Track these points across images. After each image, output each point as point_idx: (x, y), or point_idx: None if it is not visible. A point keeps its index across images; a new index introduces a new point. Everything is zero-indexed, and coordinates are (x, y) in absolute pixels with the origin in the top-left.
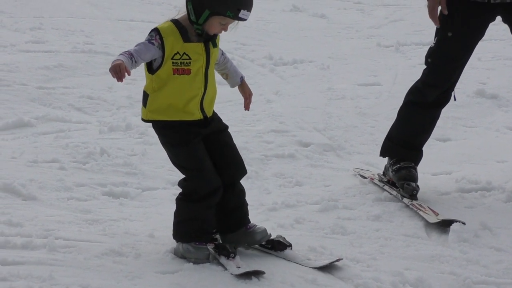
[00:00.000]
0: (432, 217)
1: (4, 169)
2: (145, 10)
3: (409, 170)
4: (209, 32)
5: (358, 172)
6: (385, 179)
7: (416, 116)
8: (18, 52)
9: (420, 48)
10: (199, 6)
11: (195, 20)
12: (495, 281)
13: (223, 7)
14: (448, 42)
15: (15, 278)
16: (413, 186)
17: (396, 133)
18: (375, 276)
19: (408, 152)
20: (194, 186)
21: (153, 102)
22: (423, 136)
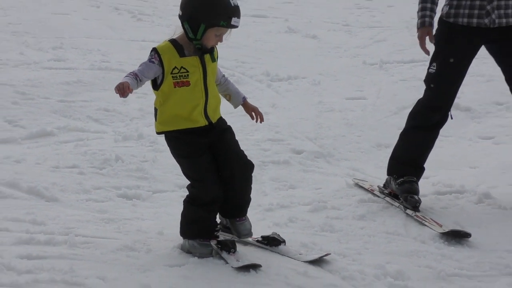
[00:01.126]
0: (437, 227)
1: (29, 174)
2: (155, 31)
3: (411, 184)
4: (207, 45)
5: (357, 183)
6: (386, 191)
7: (419, 139)
8: (41, 69)
9: (401, 66)
10: (194, 23)
11: (193, 36)
12: (467, 273)
13: (216, 18)
14: (450, 67)
15: (39, 271)
16: (416, 199)
17: (401, 154)
18: (360, 269)
19: (411, 169)
20: (197, 193)
21: (161, 115)
22: (424, 155)
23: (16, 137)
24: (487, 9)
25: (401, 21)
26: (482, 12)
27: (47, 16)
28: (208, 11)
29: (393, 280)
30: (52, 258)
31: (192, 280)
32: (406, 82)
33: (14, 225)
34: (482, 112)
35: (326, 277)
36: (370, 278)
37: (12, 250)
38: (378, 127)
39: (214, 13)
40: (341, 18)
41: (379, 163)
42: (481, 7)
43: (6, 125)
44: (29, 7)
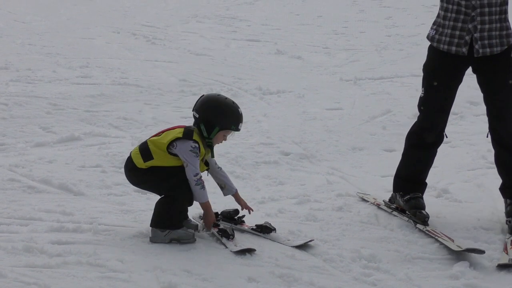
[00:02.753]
0: (451, 244)
1: (60, 172)
2: (166, 53)
3: (417, 200)
4: (214, 143)
5: (361, 197)
6: (393, 206)
7: (417, 157)
8: (70, 84)
9: (372, 82)
10: (210, 126)
11: (207, 136)
12: (429, 257)
13: (229, 124)
14: (434, 89)
15: (68, 254)
16: (424, 214)
17: (403, 172)
18: (338, 252)
19: (415, 186)
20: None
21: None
22: (425, 172)
23: (49, 141)
24: (465, 39)
25: (372, 45)
26: (461, 41)
27: (76, 40)
28: (223, 118)
29: (367, 262)
30: (79, 243)
31: (196, 261)
32: (376, 95)
33: (47, 215)
34: None
35: (310, 259)
36: (347, 260)
37: (44, 236)
38: (353, 133)
39: (228, 120)
40: (322, 42)
41: (354, 163)
42: (460, 37)
43: (40, 131)
44: (60, 32)
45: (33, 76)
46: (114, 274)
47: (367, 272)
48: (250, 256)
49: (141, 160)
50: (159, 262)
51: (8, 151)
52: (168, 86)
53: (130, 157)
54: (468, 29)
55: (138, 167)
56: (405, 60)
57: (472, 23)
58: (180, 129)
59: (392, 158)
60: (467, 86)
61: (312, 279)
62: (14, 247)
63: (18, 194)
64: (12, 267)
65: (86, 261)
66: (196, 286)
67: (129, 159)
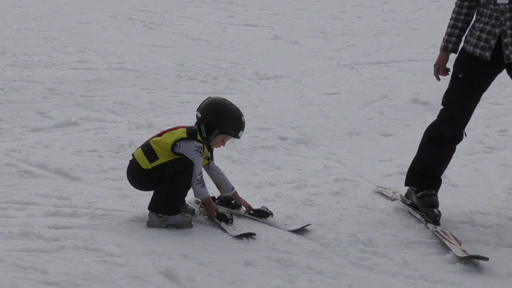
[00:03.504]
0: (457, 248)
1: (56, 157)
2: (163, 37)
3: (431, 197)
4: (212, 146)
5: (380, 191)
6: (408, 202)
7: (434, 152)
8: (67, 69)
9: (369, 67)
10: (210, 127)
11: (206, 137)
12: (426, 241)
13: (229, 129)
14: (459, 82)
15: (65, 239)
16: (436, 213)
17: (418, 166)
18: (335, 237)
19: (429, 181)
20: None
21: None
22: (441, 168)
23: (45, 126)
24: (491, 44)
25: (369, 29)
26: (486, 45)
27: (73, 25)
28: (224, 121)
29: (364, 247)
30: (76, 228)
31: (193, 246)
32: (373, 80)
33: (44, 200)
34: (437, 105)
35: (307, 244)
36: (345, 244)
37: (41, 221)
38: (350, 118)
39: (229, 125)
40: (319, 27)
41: (351, 148)
42: (486, 40)
43: (37, 116)
44: (57, 17)
45: (30, 61)
46: (111, 259)
47: (364, 256)
48: (247, 240)
49: (146, 161)
50: (156, 247)
51: (4, 136)
52: (165, 71)
53: (134, 160)
54: (495, 33)
55: (143, 169)
56: (402, 45)
57: (500, 28)
58: (183, 129)
59: (389, 142)
60: None
61: (309, 263)
62: (11, 231)
63: (14, 179)
64: (9, 251)
65: (83, 246)
66: (193, 270)
67: (133, 162)
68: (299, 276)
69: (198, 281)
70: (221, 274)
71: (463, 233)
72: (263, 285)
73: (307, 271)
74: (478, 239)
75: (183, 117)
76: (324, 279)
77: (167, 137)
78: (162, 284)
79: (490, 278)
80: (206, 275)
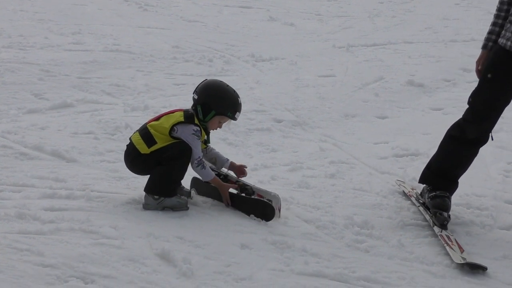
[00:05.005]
0: (457, 254)
1: (52, 139)
2: (158, 19)
3: (443, 200)
4: (209, 128)
5: (399, 185)
6: (421, 201)
7: (455, 151)
8: (62, 51)
9: (365, 49)
10: (207, 108)
11: (202, 118)
12: (421, 223)
13: (225, 109)
14: (487, 83)
15: (61, 221)
16: (445, 217)
17: (435, 164)
18: (331, 219)
19: (444, 182)
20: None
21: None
22: (459, 170)
23: (41, 108)
24: None
25: (365, 11)
26: None
27: (68, 7)
28: (221, 102)
29: (360, 229)
30: (72, 210)
31: (189, 228)
32: (369, 62)
33: (40, 182)
34: (433, 88)
35: (303, 226)
36: (340, 227)
37: (37, 203)
38: (346, 100)
39: (225, 105)
40: (314, 9)
41: (347, 130)
42: None
43: (33, 97)
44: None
45: (25, 42)
46: (107, 241)
47: (359, 238)
48: (242, 222)
49: (144, 145)
50: (152, 229)
51: (0, 117)
52: (161, 53)
53: (131, 144)
54: None
55: (141, 153)
56: (398, 27)
57: None
58: (180, 113)
59: (385, 125)
60: (460, 53)
61: (304, 246)
62: (7, 213)
63: (10, 161)
64: (5, 233)
65: (79, 228)
66: (189, 252)
67: (131, 146)
68: (294, 259)
69: (194, 263)
70: (217, 256)
71: (458, 215)
72: (259, 268)
73: (302, 253)
74: (474, 221)
75: (178, 99)
76: (320, 262)
77: (165, 121)
78: (158, 266)
79: (485, 260)
80: (202, 257)
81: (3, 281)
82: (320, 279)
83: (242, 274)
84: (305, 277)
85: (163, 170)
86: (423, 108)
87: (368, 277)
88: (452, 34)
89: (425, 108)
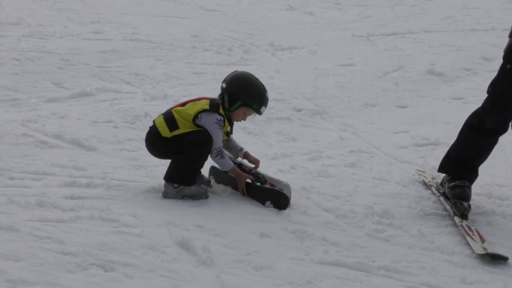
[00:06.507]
0: (477, 245)
1: (72, 127)
2: (177, 8)
3: (463, 189)
4: (233, 119)
5: (420, 174)
6: (442, 190)
7: (474, 140)
8: (82, 40)
9: (385, 38)
10: (234, 98)
11: (228, 107)
12: (442, 213)
13: (251, 101)
14: (507, 73)
15: (81, 209)
16: (465, 206)
17: (455, 153)
18: (351, 208)
19: (463, 171)
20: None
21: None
22: (479, 159)
23: (61, 97)
24: None
25: (385, 0)
26: None
27: None
28: (248, 93)
29: (380, 218)
30: (92, 198)
31: (209, 217)
32: (389, 51)
33: (60, 170)
34: (453, 77)
35: (323, 215)
36: (360, 216)
37: (57, 191)
38: (365, 89)
39: (252, 97)
40: None
41: (366, 120)
42: None
43: (53, 86)
44: None
45: (45, 31)
46: (127, 229)
47: (380, 228)
48: (262, 211)
49: (166, 129)
50: (172, 217)
51: (20, 106)
52: (180, 42)
53: (154, 126)
54: None
55: (162, 136)
56: (418, 16)
57: None
58: (206, 101)
59: (405, 114)
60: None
61: (324, 235)
62: (28, 201)
63: (30, 149)
64: (26, 221)
65: (99, 216)
66: (209, 241)
67: (153, 129)
68: (314, 248)
69: (214, 252)
70: (236, 245)
71: (479, 205)
72: (279, 257)
73: (322, 242)
74: (495, 211)
75: (198, 88)
76: (340, 251)
77: (190, 107)
78: (178, 254)
79: (506, 250)
80: (222, 246)
81: (23, 268)
82: (340, 268)
83: (262, 263)
84: (325, 266)
85: (183, 158)
86: (443, 97)
87: (389, 266)
88: (472, 23)
89: (445, 97)
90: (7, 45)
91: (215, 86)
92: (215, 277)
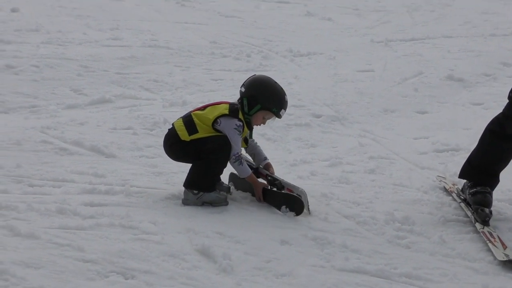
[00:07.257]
0: (499, 251)
1: (91, 134)
2: (196, 15)
3: (484, 195)
4: (252, 123)
5: (440, 180)
6: (462, 197)
7: (495, 146)
8: (101, 47)
9: (403, 43)
10: (253, 101)
11: (247, 111)
12: (463, 219)
13: (271, 104)
14: None
15: (100, 216)
16: (486, 213)
17: (476, 159)
18: (371, 215)
19: (485, 177)
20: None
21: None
22: (500, 165)
23: (80, 103)
24: None
25: (403, 6)
26: None
27: (106, 2)
28: (268, 97)
29: (401, 225)
30: (111, 205)
31: (229, 224)
32: (408, 57)
33: (79, 177)
34: (473, 82)
35: (343, 222)
36: (381, 223)
37: (77, 198)
38: (385, 95)
39: (271, 100)
40: (352, 3)
41: (386, 125)
42: None
43: (72, 93)
44: None
45: (64, 38)
46: (147, 236)
47: (400, 234)
48: (283, 218)
49: (185, 132)
50: (192, 224)
51: (40, 113)
52: (198, 48)
53: (173, 129)
54: None
55: (181, 139)
56: (437, 21)
57: None
58: (225, 105)
59: (424, 120)
60: (500, 47)
61: (345, 242)
62: (47, 208)
63: (50, 156)
64: (46, 228)
65: (118, 223)
66: (229, 248)
67: (172, 131)
68: (335, 255)
69: (234, 259)
70: (257, 252)
71: (501, 211)
72: (299, 264)
73: (343, 249)
74: None
75: (216, 94)
76: (361, 258)
77: (210, 111)
78: (198, 262)
79: None
80: (242, 253)
81: (44, 276)
82: (361, 276)
83: (282, 270)
84: (346, 274)
85: (202, 164)
86: (463, 103)
87: (410, 273)
88: (491, 28)
89: (465, 103)
90: (27, 52)
91: (233, 92)
92: (236, 285)
